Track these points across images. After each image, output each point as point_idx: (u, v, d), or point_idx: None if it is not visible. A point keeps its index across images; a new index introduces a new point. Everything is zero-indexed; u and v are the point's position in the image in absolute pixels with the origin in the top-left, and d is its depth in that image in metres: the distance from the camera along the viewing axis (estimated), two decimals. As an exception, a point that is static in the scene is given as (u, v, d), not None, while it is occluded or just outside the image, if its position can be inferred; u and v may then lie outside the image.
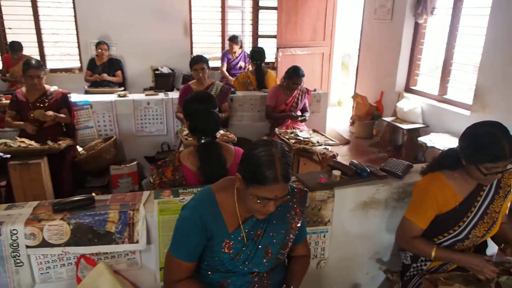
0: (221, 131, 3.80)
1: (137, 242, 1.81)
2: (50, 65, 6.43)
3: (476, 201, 1.83)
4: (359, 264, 2.32)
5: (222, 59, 6.29)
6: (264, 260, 1.56)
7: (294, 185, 1.70)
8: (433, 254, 1.81)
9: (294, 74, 4.15)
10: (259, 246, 1.55)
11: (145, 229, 1.82)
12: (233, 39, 6.16)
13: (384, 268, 2.26)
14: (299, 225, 1.63)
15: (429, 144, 4.42)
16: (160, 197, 1.92)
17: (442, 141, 4.37)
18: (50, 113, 3.49)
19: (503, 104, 3.96)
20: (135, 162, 4.08)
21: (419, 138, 4.64)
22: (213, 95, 2.31)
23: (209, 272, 1.58)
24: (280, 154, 1.38)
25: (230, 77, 5.98)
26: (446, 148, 1.99)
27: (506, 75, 3.96)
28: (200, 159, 2.09)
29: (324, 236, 2.13)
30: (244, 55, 6.30)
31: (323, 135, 4.27)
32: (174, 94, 4.48)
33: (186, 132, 3.82)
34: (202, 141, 2.12)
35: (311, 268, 2.11)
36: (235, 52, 6.21)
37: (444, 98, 4.99)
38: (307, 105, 4.53)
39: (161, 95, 4.42)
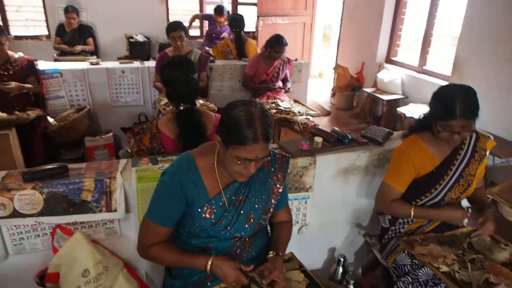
0: (201, 101, 3.72)
1: (115, 210, 1.76)
2: (13, 31, 6.02)
3: (452, 165, 1.86)
4: (339, 229, 2.34)
5: (205, 18, 6.05)
6: (246, 225, 1.54)
7: (276, 151, 1.67)
8: (412, 213, 1.84)
9: (277, 43, 4.05)
10: (241, 212, 1.52)
11: (123, 197, 1.77)
12: (219, 12, 5.73)
13: (363, 232, 2.28)
14: (281, 190, 1.61)
15: (408, 114, 4.46)
16: (138, 165, 1.86)
17: (421, 112, 4.39)
18: (12, 84, 3.28)
19: (481, 75, 3.99)
20: (111, 133, 3.97)
21: (398, 109, 4.67)
22: (192, 60, 2.23)
23: (190, 238, 1.55)
24: (259, 114, 1.33)
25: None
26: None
27: (484, 46, 3.98)
28: (179, 126, 2.04)
29: (305, 202, 2.13)
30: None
31: (304, 105, 4.24)
32: (151, 63, 4.33)
33: (164, 101, 3.71)
34: (181, 107, 2.06)
35: (292, 234, 2.11)
36: (220, 22, 5.97)
37: (423, 69, 5.01)
38: (288, 75, 4.47)
39: (136, 63, 4.27)
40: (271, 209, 1.61)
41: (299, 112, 3.95)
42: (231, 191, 1.52)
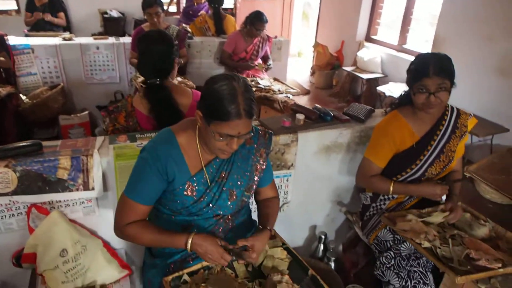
0: (179, 78, 3.64)
1: (92, 189, 1.71)
2: (-21, 7, 5.74)
3: (432, 140, 1.87)
4: (320, 207, 2.36)
5: None
6: (229, 203, 1.52)
7: (259, 128, 1.64)
8: (391, 188, 1.86)
9: (257, 20, 3.97)
10: (224, 188, 1.49)
11: (101, 175, 1.71)
12: None
13: (344, 210, 2.31)
14: (264, 167, 1.59)
15: (387, 93, 4.48)
16: (115, 142, 1.80)
17: (400, 91, 4.43)
18: None
19: (460, 54, 4.02)
20: (86, 112, 3.85)
21: (378, 88, 4.69)
22: (170, 35, 2.15)
23: (172, 216, 1.52)
24: (242, 88, 1.29)
25: None
26: None
27: (463, 26, 4.01)
28: (149, 101, 1.98)
29: (287, 180, 2.12)
30: (207, 5, 5.93)
31: (284, 83, 4.21)
32: (126, 39, 4.19)
33: (141, 79, 3.61)
34: (148, 82, 1.99)
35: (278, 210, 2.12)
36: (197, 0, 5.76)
37: (403, 48, 5.03)
38: (268, 52, 4.40)
39: (111, 39, 4.11)
40: (254, 186, 1.58)
41: (279, 90, 3.92)
42: (213, 168, 1.49)
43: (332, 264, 2.17)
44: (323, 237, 2.24)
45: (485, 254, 1.56)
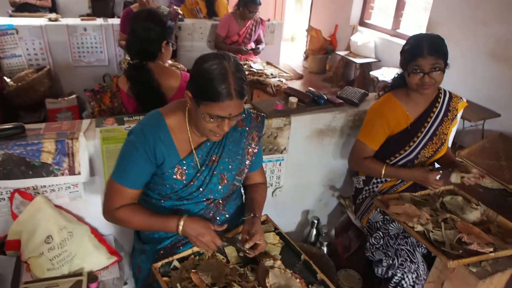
0: (169, 61, 3.55)
1: (79, 173, 1.65)
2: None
3: (426, 122, 1.86)
4: (313, 191, 2.33)
5: None
6: (220, 187, 1.48)
7: (251, 110, 1.59)
8: (382, 171, 1.84)
9: (251, 2, 3.88)
10: (214, 172, 1.45)
11: (87, 159, 1.66)
12: None
13: (337, 194, 2.28)
14: (255, 151, 1.54)
15: (380, 78, 4.45)
16: (102, 125, 1.74)
17: (393, 75, 4.39)
18: None
19: (453, 39, 3.98)
20: (74, 95, 3.75)
21: (371, 72, 4.66)
22: (160, 14, 2.06)
23: (161, 201, 1.48)
24: (233, 68, 1.24)
25: None
26: None
27: (457, 10, 3.96)
28: (130, 83, 1.92)
29: (279, 165, 2.08)
30: None
31: (277, 67, 4.15)
32: (115, 20, 4.07)
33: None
34: (131, 62, 1.93)
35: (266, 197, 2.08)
36: None
37: (397, 32, 4.98)
38: (261, 36, 4.32)
39: (99, 21, 4.00)
40: (246, 170, 1.54)
41: (271, 74, 3.86)
42: (203, 151, 1.44)
43: (325, 249, 2.15)
44: (315, 221, 2.22)
45: (476, 238, 1.54)
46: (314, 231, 2.24)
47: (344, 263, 2.14)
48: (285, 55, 6.30)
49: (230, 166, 1.48)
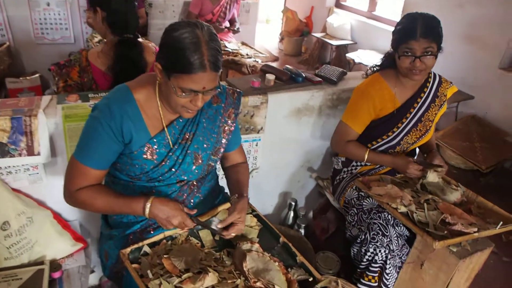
0: (140, 39, 3.38)
1: (38, 154, 1.51)
2: None
3: (412, 107, 1.79)
4: (290, 173, 2.26)
5: None
6: (194, 167, 1.38)
7: (227, 86, 1.49)
8: (365, 156, 1.79)
9: None
10: (188, 151, 1.35)
11: (48, 139, 1.52)
12: None
13: (315, 175, 2.22)
14: (232, 129, 1.45)
15: (357, 60, 4.41)
16: (64, 102, 1.60)
17: (369, 58, 4.37)
18: None
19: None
20: (37, 75, 3.51)
21: (347, 55, 4.61)
22: None
23: (130, 183, 1.37)
24: (207, 37, 1.13)
25: None
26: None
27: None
28: (115, 58, 1.78)
29: (256, 145, 2.00)
30: None
31: (252, 48, 4.05)
32: (81, -4, 3.83)
33: (97, 39, 3.33)
34: (123, 37, 1.79)
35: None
36: None
37: (373, 14, 4.94)
38: (236, 15, 4.19)
39: (64, -4, 3.76)
40: (222, 150, 1.45)
41: (247, 54, 3.76)
42: (176, 128, 1.34)
43: (302, 231, 2.10)
44: (293, 203, 2.16)
45: (459, 219, 1.52)
46: (292, 214, 2.18)
47: (322, 245, 2.10)
48: (260, 37, 6.17)
49: (205, 145, 1.39)
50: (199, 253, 1.31)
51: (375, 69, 1.88)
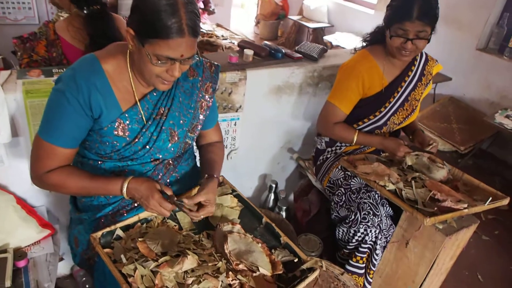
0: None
1: (-3, 134, 1.38)
2: None
3: (400, 86, 1.73)
4: (270, 154, 2.19)
5: None
6: (170, 145, 1.28)
7: (203, 59, 1.38)
8: (355, 139, 1.72)
9: None
10: (163, 127, 1.25)
11: (7, 117, 1.39)
12: None
13: (296, 156, 2.16)
14: (210, 104, 1.36)
15: (334, 43, 4.36)
16: (26, 77, 1.47)
17: (347, 40, 4.33)
18: None
19: (405, 1, 3.96)
20: (-1, 57, 3.30)
21: (324, 37, 4.55)
22: None
23: (99, 162, 1.25)
24: None
25: None
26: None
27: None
28: (89, 34, 1.65)
29: (235, 124, 1.91)
30: None
31: (228, 30, 3.94)
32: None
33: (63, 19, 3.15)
34: (87, 10, 1.65)
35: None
36: None
37: (349, -4, 4.88)
38: (210, -6, 4.05)
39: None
40: (199, 126, 1.36)
41: (222, 36, 3.65)
42: (149, 102, 1.23)
43: (284, 214, 2.04)
44: (273, 186, 2.09)
45: (447, 196, 1.48)
46: (272, 196, 2.11)
47: (303, 227, 2.05)
48: (236, 22, 6.03)
49: (181, 121, 1.29)
50: (177, 236, 1.23)
51: (363, 44, 1.80)
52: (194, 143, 1.45)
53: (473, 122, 3.24)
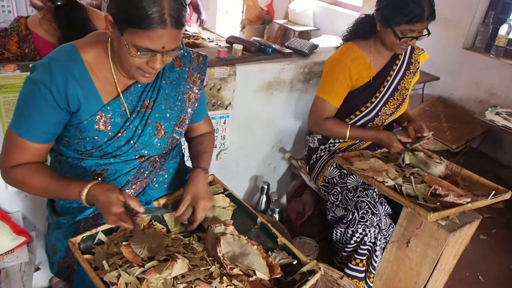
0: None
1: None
2: None
3: (389, 75, 1.70)
4: (261, 154, 2.10)
5: None
6: (156, 140, 1.18)
7: (190, 49, 1.30)
8: (347, 133, 1.66)
9: None
10: (148, 121, 1.15)
11: (-22, 114, 1.28)
12: None
13: (288, 156, 2.08)
14: (198, 97, 1.27)
15: (321, 45, 4.31)
16: (0, 72, 1.36)
17: (334, 43, 4.29)
18: None
19: (391, 3, 3.95)
20: (-25, 61, 3.16)
21: (311, 40, 4.50)
22: None
23: (80, 160, 1.15)
24: None
25: None
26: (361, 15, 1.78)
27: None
28: (60, 27, 1.56)
29: (224, 123, 1.82)
30: None
31: (214, 32, 3.85)
32: (24, -25, 3.48)
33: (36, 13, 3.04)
34: (59, 2, 1.56)
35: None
36: None
37: (335, 0, 4.87)
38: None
39: (4, -26, 3.40)
40: (187, 120, 1.26)
41: (208, 38, 3.56)
42: (133, 94, 1.14)
43: (277, 216, 1.95)
44: (265, 187, 2.00)
45: (448, 191, 1.42)
46: (264, 198, 2.02)
47: (298, 230, 1.96)
48: (221, 27, 5.97)
49: (167, 114, 1.20)
50: (165, 239, 1.13)
51: (348, 37, 1.76)
52: (183, 139, 1.36)
53: (463, 120, 3.21)
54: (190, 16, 3.92)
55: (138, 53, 0.97)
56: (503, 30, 3.04)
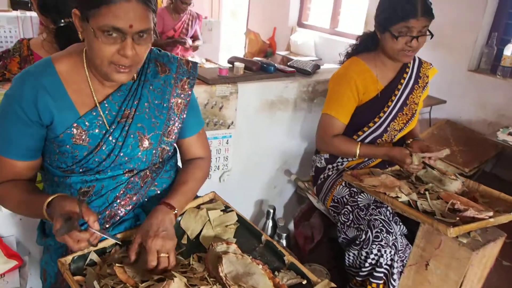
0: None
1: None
2: None
3: (397, 89, 1.64)
4: (266, 176, 2.02)
5: None
6: (140, 152, 1.09)
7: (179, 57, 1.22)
8: (357, 151, 1.58)
9: None
10: (129, 131, 1.07)
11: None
12: None
13: (294, 177, 1.99)
14: (187, 103, 1.16)
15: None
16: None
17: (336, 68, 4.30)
18: None
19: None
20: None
21: (314, 69, 4.53)
22: None
23: (65, 178, 1.07)
24: None
25: None
26: None
27: None
28: (62, 48, 1.54)
29: (227, 142, 1.76)
30: None
31: (216, 64, 3.89)
32: (34, 13, 3.55)
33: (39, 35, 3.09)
34: (61, 24, 1.55)
35: (212, 182, 1.74)
36: None
37: (336, 31, 4.93)
38: (198, 32, 4.04)
39: (15, 13, 3.49)
40: (175, 130, 1.16)
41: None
42: (112, 104, 1.06)
43: (284, 242, 1.84)
44: (271, 211, 1.90)
45: (467, 206, 1.32)
46: (270, 223, 1.92)
47: (307, 257, 1.84)
48: (224, 60, 6.05)
49: (152, 124, 1.11)
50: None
51: (350, 53, 1.73)
52: (179, 155, 1.28)
53: (473, 143, 3.13)
54: (192, 48, 3.96)
55: (106, 34, 0.90)
56: (508, 50, 3.01)
